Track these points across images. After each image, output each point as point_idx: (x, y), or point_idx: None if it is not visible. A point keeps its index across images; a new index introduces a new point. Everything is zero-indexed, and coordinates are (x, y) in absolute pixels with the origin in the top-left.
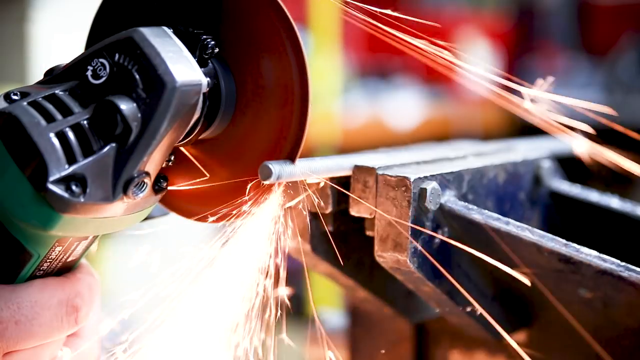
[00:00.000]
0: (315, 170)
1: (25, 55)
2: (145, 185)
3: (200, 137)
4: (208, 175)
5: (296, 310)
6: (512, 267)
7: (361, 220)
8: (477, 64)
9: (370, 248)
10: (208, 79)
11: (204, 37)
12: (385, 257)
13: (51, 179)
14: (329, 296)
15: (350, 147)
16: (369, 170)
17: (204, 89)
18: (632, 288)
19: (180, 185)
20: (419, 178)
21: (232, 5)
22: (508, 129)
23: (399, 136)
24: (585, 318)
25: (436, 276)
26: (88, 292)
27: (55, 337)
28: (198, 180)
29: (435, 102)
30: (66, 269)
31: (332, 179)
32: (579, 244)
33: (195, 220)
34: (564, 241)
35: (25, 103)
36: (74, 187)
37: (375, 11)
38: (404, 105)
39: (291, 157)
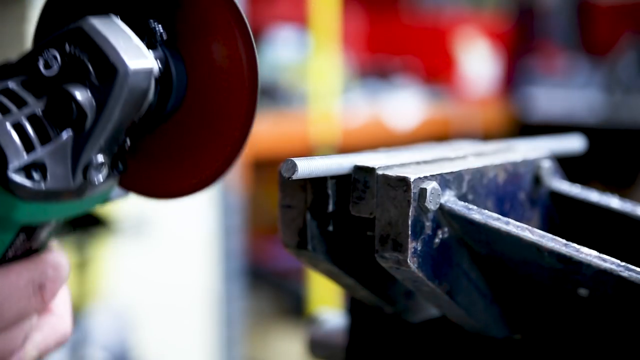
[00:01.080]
0: (315, 169)
1: None
2: (104, 169)
3: (153, 121)
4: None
5: (296, 310)
6: (512, 267)
7: (361, 220)
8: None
9: (370, 248)
10: (159, 64)
11: (152, 23)
12: (385, 257)
13: (12, 168)
14: (329, 296)
15: (350, 147)
16: (369, 170)
17: (156, 74)
18: (632, 288)
19: (136, 166)
20: (419, 178)
21: None
22: (508, 129)
23: (399, 136)
24: (585, 318)
25: (436, 276)
26: (53, 270)
27: (24, 318)
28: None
29: (435, 102)
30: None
31: (332, 179)
32: (579, 244)
33: (154, 197)
34: (564, 241)
35: None
36: (34, 175)
37: None
38: (404, 105)
39: (244, 136)
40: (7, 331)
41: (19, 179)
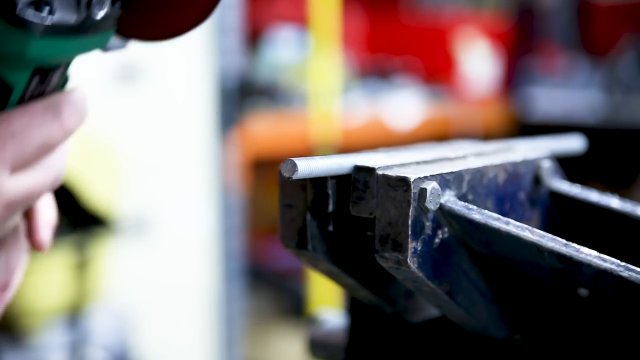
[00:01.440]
0: (315, 169)
1: None
2: (105, 3)
3: None
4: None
5: (296, 310)
6: (512, 267)
7: (361, 220)
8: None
9: (370, 248)
10: None
11: None
12: (385, 257)
13: (21, 4)
14: (329, 296)
15: (350, 147)
16: (369, 170)
17: None
18: (632, 288)
19: (132, 14)
20: (419, 178)
21: None
22: (508, 129)
23: (399, 136)
24: (585, 318)
25: (436, 276)
26: (67, 104)
27: (50, 147)
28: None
29: (435, 102)
30: None
31: (332, 179)
32: (579, 244)
33: (152, 40)
34: (564, 241)
35: None
36: (42, 8)
37: None
38: (404, 105)
39: None
40: (37, 162)
41: (30, 14)
